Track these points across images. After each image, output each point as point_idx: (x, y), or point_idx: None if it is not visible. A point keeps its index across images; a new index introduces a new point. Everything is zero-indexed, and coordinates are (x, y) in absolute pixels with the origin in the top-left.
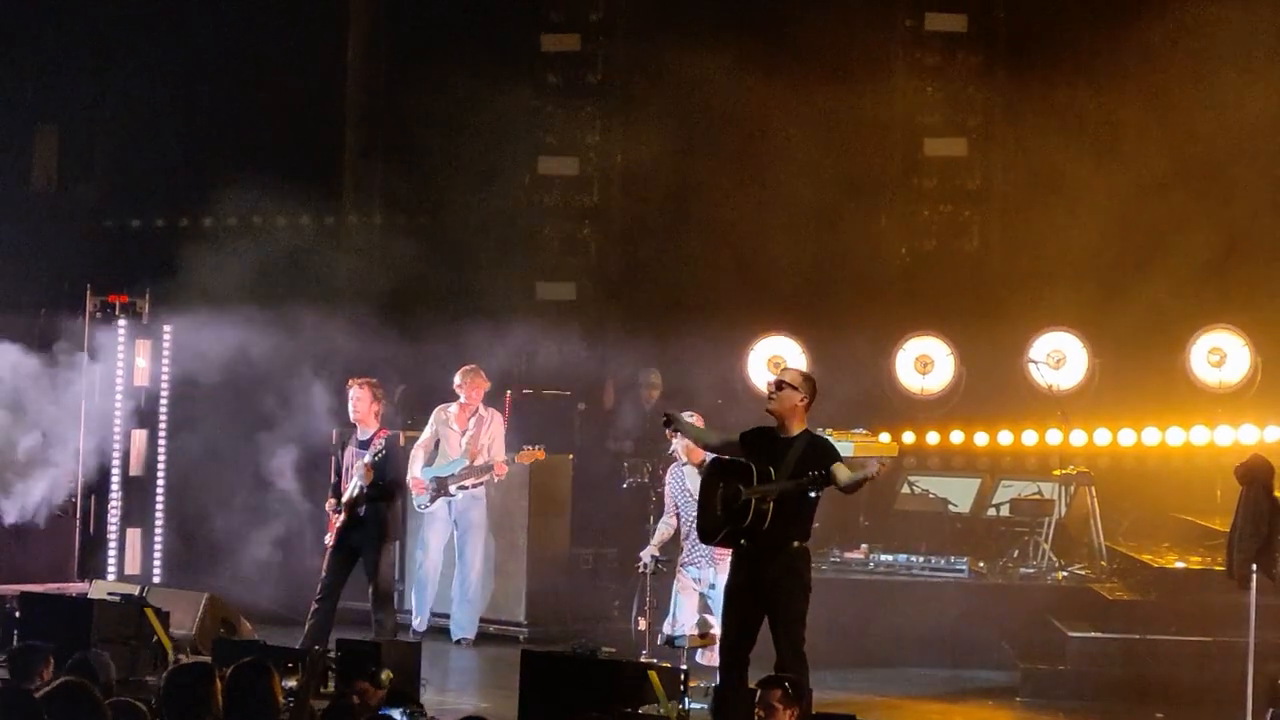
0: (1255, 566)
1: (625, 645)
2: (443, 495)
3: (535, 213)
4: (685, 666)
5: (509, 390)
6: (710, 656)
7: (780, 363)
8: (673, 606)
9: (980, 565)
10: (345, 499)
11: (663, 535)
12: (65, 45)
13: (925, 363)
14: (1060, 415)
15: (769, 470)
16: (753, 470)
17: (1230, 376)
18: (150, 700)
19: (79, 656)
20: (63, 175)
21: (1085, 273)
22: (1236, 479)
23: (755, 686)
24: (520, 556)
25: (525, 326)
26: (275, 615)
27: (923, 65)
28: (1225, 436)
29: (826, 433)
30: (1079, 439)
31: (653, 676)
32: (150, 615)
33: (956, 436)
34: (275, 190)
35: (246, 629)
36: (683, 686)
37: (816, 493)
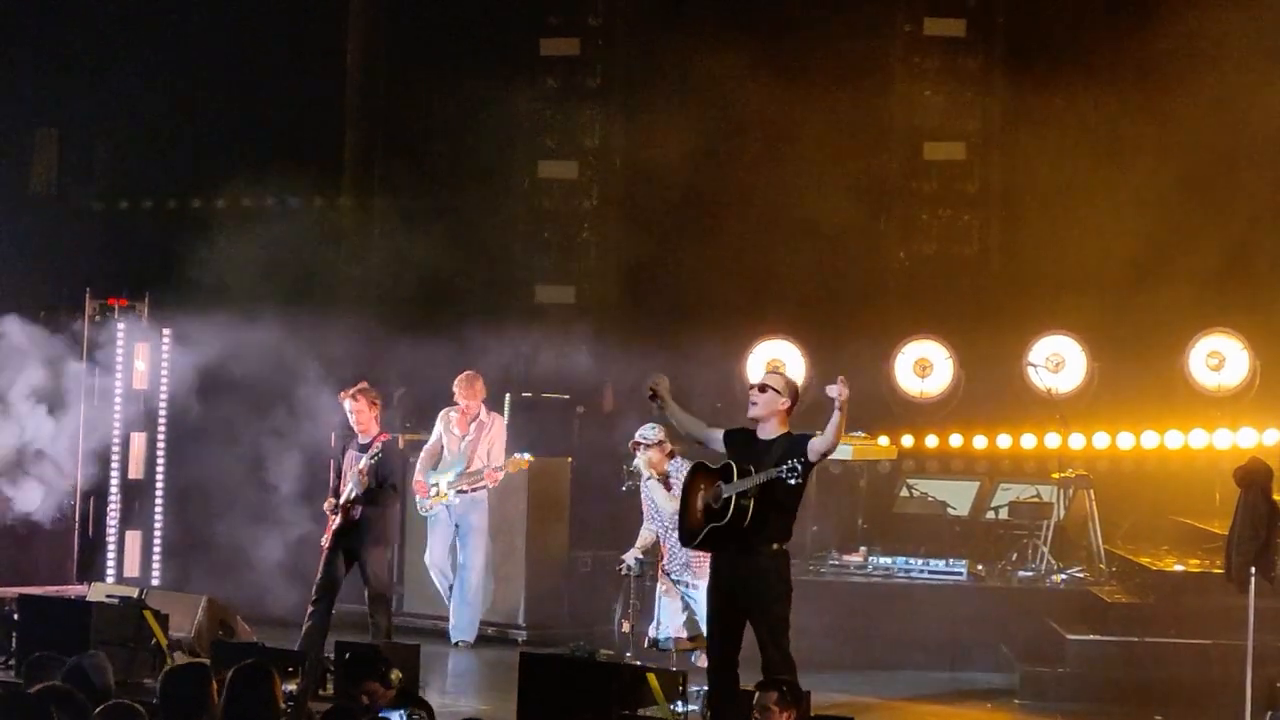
0: (1254, 569)
1: (621, 648)
2: (441, 499)
3: (534, 216)
4: (676, 669)
5: (508, 394)
6: (705, 659)
7: (778, 366)
8: (656, 610)
9: (979, 568)
10: (342, 501)
11: (645, 540)
12: (65, 46)
13: (924, 366)
14: (1059, 418)
15: (749, 469)
16: (733, 469)
17: (1229, 380)
18: (149, 702)
19: (74, 662)
20: (63, 176)
21: (1084, 276)
22: (1235, 482)
23: (752, 689)
24: (519, 559)
25: (524, 330)
26: (276, 618)
27: (922, 70)
28: (1224, 440)
29: None
30: (1078, 442)
31: (651, 679)
32: (149, 618)
33: (955, 440)
34: (275, 193)
35: (244, 631)
36: (681, 688)
37: (798, 480)
